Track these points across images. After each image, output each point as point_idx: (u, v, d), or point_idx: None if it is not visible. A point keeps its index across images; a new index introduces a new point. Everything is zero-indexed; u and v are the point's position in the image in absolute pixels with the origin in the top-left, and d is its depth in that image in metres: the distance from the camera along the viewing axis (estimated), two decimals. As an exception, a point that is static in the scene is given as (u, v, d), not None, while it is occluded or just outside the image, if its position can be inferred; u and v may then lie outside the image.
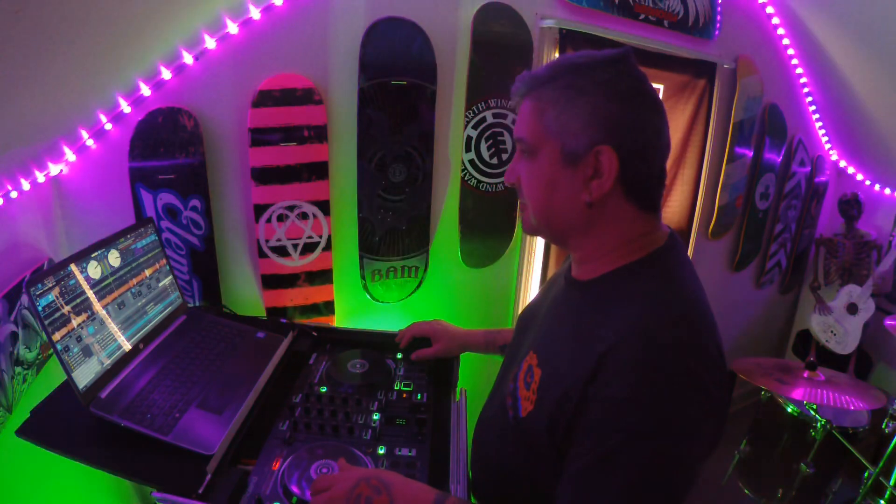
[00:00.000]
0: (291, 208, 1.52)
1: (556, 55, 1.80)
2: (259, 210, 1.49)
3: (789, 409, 1.93)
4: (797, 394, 1.79)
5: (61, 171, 1.25)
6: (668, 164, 2.19)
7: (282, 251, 1.55)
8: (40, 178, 1.17)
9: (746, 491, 2.03)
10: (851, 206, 2.63)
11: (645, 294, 0.70)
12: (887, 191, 2.68)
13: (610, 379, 0.64)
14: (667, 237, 0.77)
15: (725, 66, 2.23)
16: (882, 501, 1.81)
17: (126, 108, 1.28)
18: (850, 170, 2.83)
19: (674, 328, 0.66)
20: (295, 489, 0.83)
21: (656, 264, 0.74)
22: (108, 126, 1.28)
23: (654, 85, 2.02)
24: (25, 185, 1.11)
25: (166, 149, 1.33)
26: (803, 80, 2.51)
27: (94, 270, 0.98)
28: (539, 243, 2.01)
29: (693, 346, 0.65)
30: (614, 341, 0.65)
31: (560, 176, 0.74)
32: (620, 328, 0.66)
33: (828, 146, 2.79)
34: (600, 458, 0.63)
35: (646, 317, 0.67)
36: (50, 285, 0.87)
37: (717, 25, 2.14)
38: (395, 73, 1.54)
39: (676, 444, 0.63)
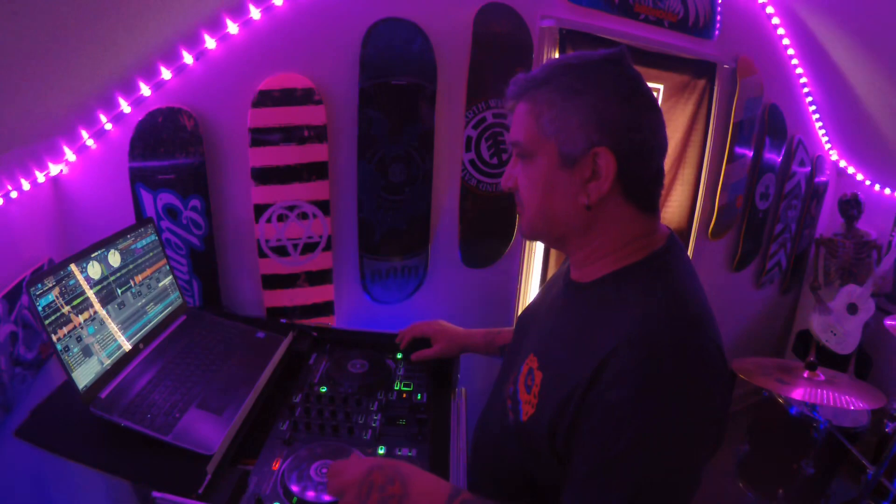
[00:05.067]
0: (291, 208, 1.52)
1: (557, 55, 1.79)
2: (259, 210, 1.49)
3: (790, 409, 1.92)
4: (797, 394, 1.79)
5: (61, 171, 1.25)
6: (668, 164, 2.22)
7: (282, 251, 1.55)
8: (40, 178, 1.17)
9: (746, 491, 2.03)
10: (851, 206, 2.63)
11: (645, 296, 0.70)
12: (887, 191, 2.68)
13: (612, 383, 0.63)
14: (666, 238, 0.77)
15: (725, 66, 2.23)
16: (883, 502, 1.81)
17: (126, 108, 1.28)
18: (850, 170, 2.83)
19: (675, 330, 0.65)
20: (295, 489, 0.83)
21: (656, 266, 0.74)
22: (108, 126, 1.28)
23: (654, 85, 2.06)
24: (25, 185, 1.11)
25: (166, 149, 1.33)
26: (803, 80, 2.50)
27: (94, 270, 0.98)
28: (539, 243, 2.01)
29: (695, 348, 0.65)
30: (615, 344, 0.65)
31: (558, 179, 0.73)
32: (621, 331, 0.66)
33: (828, 146, 2.79)
34: (604, 464, 0.63)
35: (647, 319, 0.66)
36: (50, 285, 0.87)
37: (717, 25, 2.14)
38: (395, 73, 1.54)
39: (680, 447, 0.63)
